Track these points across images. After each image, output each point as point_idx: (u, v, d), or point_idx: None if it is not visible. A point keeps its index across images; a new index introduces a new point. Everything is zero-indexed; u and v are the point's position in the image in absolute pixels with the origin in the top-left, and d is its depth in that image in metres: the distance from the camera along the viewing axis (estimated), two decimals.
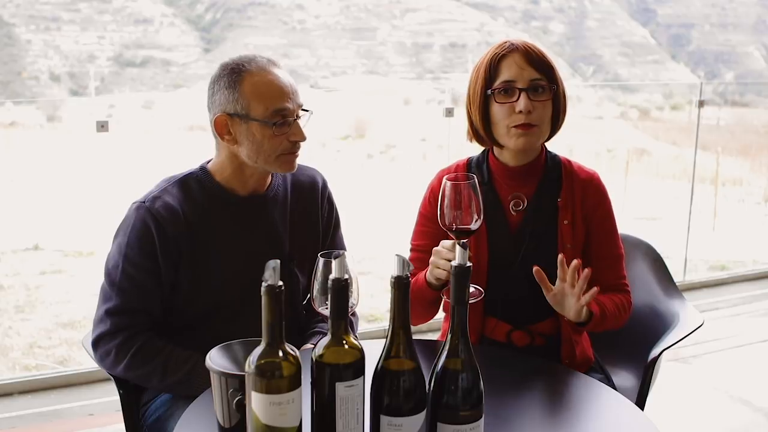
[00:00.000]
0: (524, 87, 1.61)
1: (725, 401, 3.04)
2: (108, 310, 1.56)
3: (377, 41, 45.08)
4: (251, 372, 1.02)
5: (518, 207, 1.70)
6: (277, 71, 1.57)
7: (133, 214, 1.57)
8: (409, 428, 1.07)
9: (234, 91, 1.54)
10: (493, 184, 1.72)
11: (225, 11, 45.45)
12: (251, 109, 1.53)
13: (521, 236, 1.68)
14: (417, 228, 1.78)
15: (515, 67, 1.62)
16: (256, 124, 1.53)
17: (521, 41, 1.67)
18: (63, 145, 15.58)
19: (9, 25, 40.13)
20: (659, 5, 49.56)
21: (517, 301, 1.70)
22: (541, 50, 1.67)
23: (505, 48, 1.65)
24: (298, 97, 1.58)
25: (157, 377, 1.54)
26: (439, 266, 1.52)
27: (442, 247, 1.51)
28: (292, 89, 1.57)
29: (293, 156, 1.60)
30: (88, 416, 2.88)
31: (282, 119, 1.54)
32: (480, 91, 1.66)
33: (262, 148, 1.55)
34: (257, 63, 1.56)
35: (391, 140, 20.09)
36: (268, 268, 1.00)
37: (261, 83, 1.53)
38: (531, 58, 1.63)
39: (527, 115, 1.61)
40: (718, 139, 13.24)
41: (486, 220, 1.68)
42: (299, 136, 1.57)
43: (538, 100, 1.62)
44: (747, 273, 4.84)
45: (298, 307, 1.75)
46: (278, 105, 1.53)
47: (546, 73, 1.63)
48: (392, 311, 1.07)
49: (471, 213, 1.42)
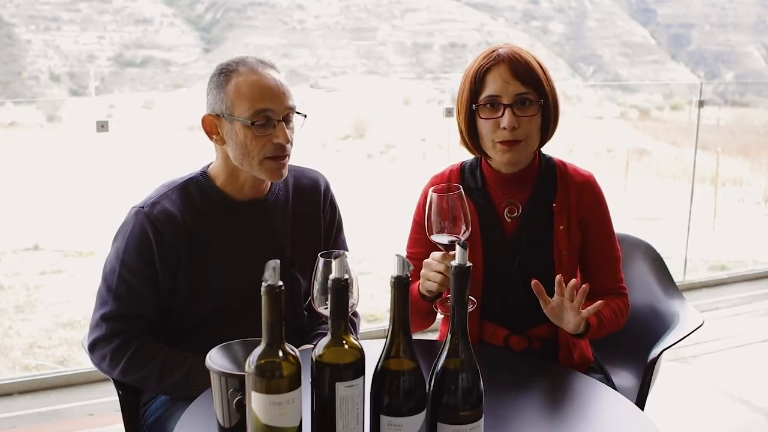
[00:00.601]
0: (509, 102, 1.57)
1: (725, 401, 3.04)
2: (104, 315, 1.56)
3: (377, 41, 45.07)
4: (251, 372, 1.02)
5: (513, 214, 1.68)
6: (266, 72, 1.55)
7: (132, 219, 1.56)
8: (409, 428, 1.07)
9: (221, 90, 1.54)
10: (487, 190, 1.69)
11: (225, 11, 45.44)
12: (235, 108, 1.52)
13: (517, 243, 1.66)
14: (412, 236, 1.75)
15: (500, 81, 1.58)
16: (239, 124, 1.52)
17: (509, 50, 1.61)
18: (63, 145, 15.58)
19: (9, 25, 40.13)
20: (659, 5, 49.56)
21: (514, 306, 1.68)
22: (530, 60, 1.60)
23: (491, 59, 1.60)
24: (288, 100, 1.55)
25: (154, 380, 1.54)
26: (429, 278, 1.49)
27: (432, 259, 1.48)
28: (279, 90, 1.54)
29: (279, 163, 1.56)
30: (88, 416, 2.88)
31: (264, 120, 1.52)
32: (466, 104, 1.63)
33: (245, 149, 1.53)
34: (246, 64, 1.55)
35: (391, 140, 20.08)
36: (268, 268, 1.00)
37: (245, 83, 1.52)
38: (516, 71, 1.57)
39: (512, 131, 1.57)
40: (718, 139, 13.23)
41: (480, 227, 1.66)
42: (282, 138, 1.53)
43: (525, 115, 1.58)
44: (747, 273, 4.84)
45: (298, 310, 1.75)
46: (260, 105, 1.51)
47: (534, 86, 1.58)
48: (392, 311, 1.07)
49: (459, 225, 1.39)
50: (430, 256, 1.49)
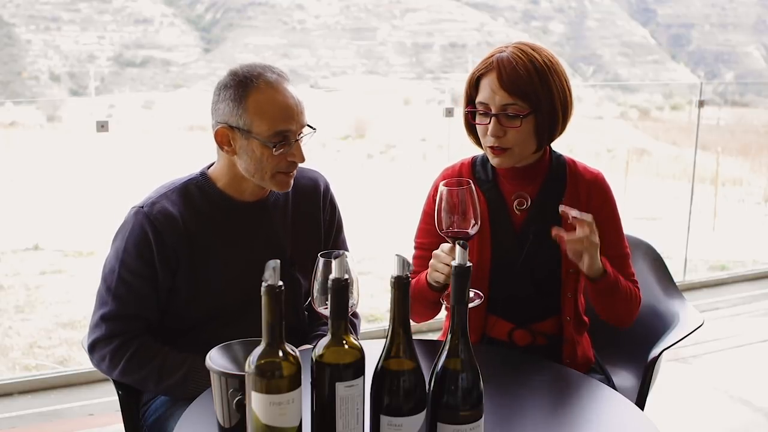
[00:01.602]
0: (495, 112, 1.59)
1: (725, 401, 3.04)
2: (103, 316, 1.56)
3: (377, 41, 45.06)
4: (251, 372, 1.02)
5: (522, 206, 1.70)
6: (286, 89, 1.53)
7: (132, 219, 1.56)
8: (409, 428, 1.07)
9: (239, 105, 1.51)
10: (497, 183, 1.72)
11: (225, 11, 45.43)
12: (254, 126, 1.51)
13: (525, 235, 1.68)
14: (421, 226, 1.78)
15: (488, 90, 1.60)
16: (257, 142, 1.52)
17: (508, 56, 1.59)
18: (63, 145, 15.58)
19: (9, 25, 40.12)
20: (659, 5, 49.54)
21: (520, 299, 1.70)
22: (524, 67, 1.57)
23: (486, 65, 1.61)
24: (303, 117, 1.55)
25: (153, 381, 1.55)
26: (437, 269, 1.51)
27: (441, 250, 1.51)
28: (297, 109, 1.54)
29: (289, 176, 1.58)
30: (88, 416, 2.88)
31: (283, 140, 1.52)
32: (465, 106, 1.68)
33: (260, 165, 1.54)
34: (265, 78, 1.52)
35: (391, 140, 20.07)
36: (268, 268, 1.00)
37: (266, 102, 1.51)
38: (503, 81, 1.57)
39: (497, 139, 1.60)
40: (718, 139, 13.24)
41: (490, 218, 1.69)
42: (298, 158, 1.55)
43: (510, 126, 1.59)
44: (747, 273, 4.85)
45: (299, 310, 1.75)
46: (281, 126, 1.51)
47: (521, 95, 1.57)
48: (392, 311, 1.07)
49: (468, 219, 1.41)
50: (439, 248, 1.52)
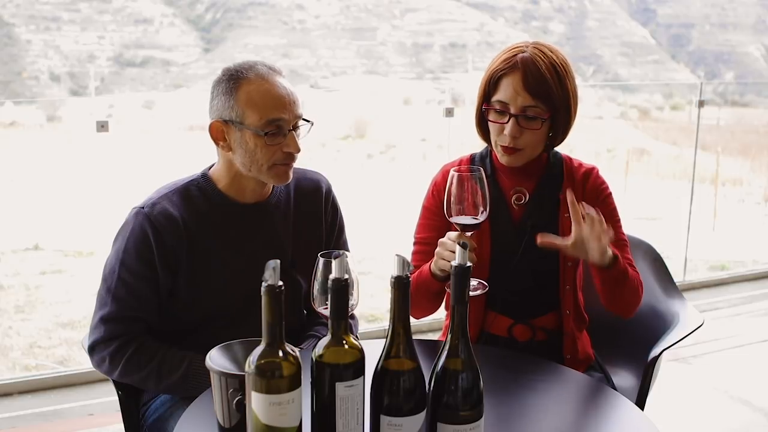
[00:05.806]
0: (515, 113, 1.60)
1: (725, 401, 3.04)
2: (103, 317, 1.56)
3: (377, 41, 45.04)
4: (251, 372, 1.02)
5: (520, 201, 1.72)
6: (277, 80, 1.54)
7: (132, 220, 1.56)
8: (409, 428, 1.07)
9: (230, 98, 1.53)
10: (496, 178, 1.73)
11: (225, 11, 45.41)
12: (245, 117, 1.52)
13: (523, 229, 1.69)
14: (421, 221, 1.79)
15: (510, 90, 1.60)
16: (249, 133, 1.52)
17: (531, 55, 1.59)
18: (63, 145, 15.58)
19: (9, 25, 40.10)
20: (659, 5, 49.52)
21: (519, 294, 1.71)
22: (547, 68, 1.58)
23: (509, 65, 1.60)
24: (297, 108, 1.55)
25: (153, 381, 1.55)
26: (444, 257, 1.52)
27: (447, 238, 1.52)
28: (290, 99, 1.54)
29: (287, 167, 1.57)
30: (88, 416, 2.88)
31: (276, 129, 1.52)
32: (480, 101, 1.68)
33: (254, 157, 1.54)
34: (256, 71, 1.54)
35: (391, 140, 20.07)
36: (268, 268, 1.00)
37: (256, 92, 1.52)
38: (528, 82, 1.58)
39: (513, 140, 1.61)
40: (718, 139, 13.24)
41: (489, 213, 1.69)
42: (293, 148, 1.54)
43: (529, 127, 1.61)
44: (747, 273, 4.85)
45: (299, 312, 1.75)
46: (272, 115, 1.51)
47: (543, 98, 1.59)
48: (392, 311, 1.07)
49: (477, 206, 1.43)
50: (446, 236, 1.52)
